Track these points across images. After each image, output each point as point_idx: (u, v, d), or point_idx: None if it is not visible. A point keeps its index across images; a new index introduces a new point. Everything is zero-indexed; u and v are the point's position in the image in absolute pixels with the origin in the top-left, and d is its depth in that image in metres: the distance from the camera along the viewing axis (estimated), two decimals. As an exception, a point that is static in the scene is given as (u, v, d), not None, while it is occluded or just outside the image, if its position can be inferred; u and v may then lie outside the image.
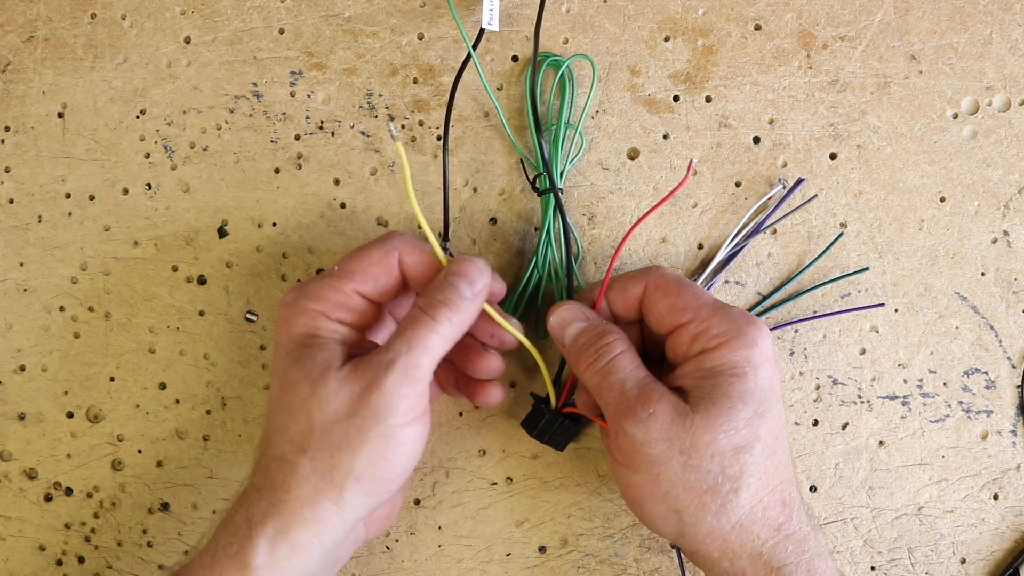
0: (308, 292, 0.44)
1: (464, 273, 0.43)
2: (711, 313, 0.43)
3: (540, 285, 0.50)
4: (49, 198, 0.53)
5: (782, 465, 0.42)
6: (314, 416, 0.41)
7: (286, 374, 0.42)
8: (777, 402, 0.43)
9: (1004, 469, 0.51)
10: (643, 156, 0.51)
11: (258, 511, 0.41)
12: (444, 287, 0.43)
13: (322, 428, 0.41)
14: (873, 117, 0.51)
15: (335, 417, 0.41)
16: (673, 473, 0.41)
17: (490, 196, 0.52)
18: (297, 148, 0.52)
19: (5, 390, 0.53)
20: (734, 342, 0.42)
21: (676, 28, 0.51)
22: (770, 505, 0.42)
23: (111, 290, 0.53)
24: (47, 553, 0.53)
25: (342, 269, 0.44)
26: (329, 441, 0.41)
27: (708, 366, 0.42)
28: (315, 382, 0.41)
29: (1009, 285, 0.51)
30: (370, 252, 0.45)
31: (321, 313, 0.43)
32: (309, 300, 0.43)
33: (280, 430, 0.42)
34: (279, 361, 0.43)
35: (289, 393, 0.42)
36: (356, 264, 0.44)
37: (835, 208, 0.51)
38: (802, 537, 0.42)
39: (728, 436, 0.41)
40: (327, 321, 0.43)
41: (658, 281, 0.45)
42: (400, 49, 0.52)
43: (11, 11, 0.53)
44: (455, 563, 0.52)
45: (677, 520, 0.42)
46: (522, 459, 0.52)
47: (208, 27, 0.52)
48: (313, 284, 0.44)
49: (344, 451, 0.41)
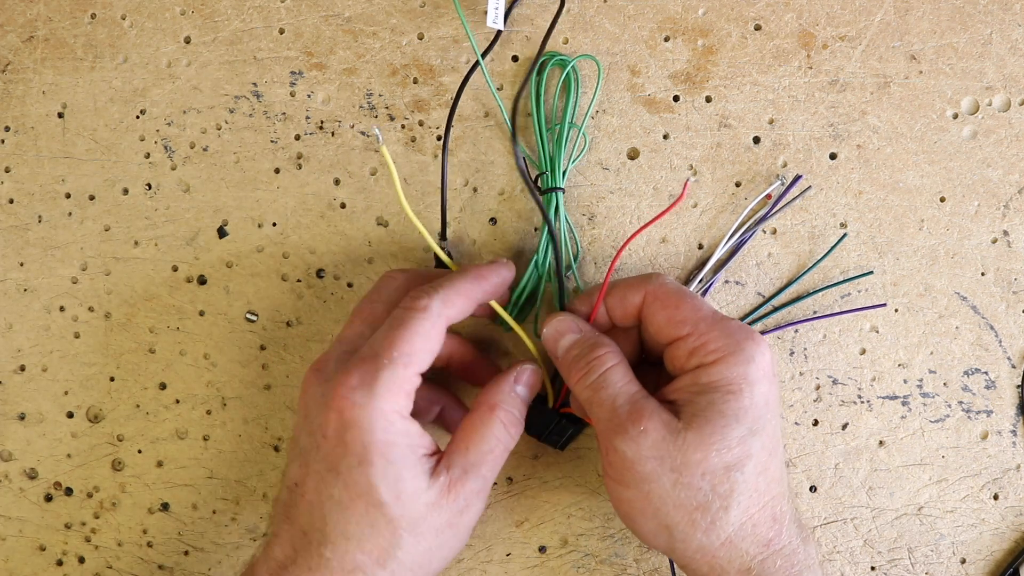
0: (379, 391, 0.40)
1: (531, 385, 0.46)
2: (709, 327, 0.42)
3: (540, 285, 0.50)
4: (49, 198, 0.53)
5: (774, 480, 0.42)
6: (402, 536, 0.41)
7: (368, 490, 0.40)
8: (773, 418, 0.42)
9: (1004, 469, 0.51)
10: (643, 156, 0.51)
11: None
12: (517, 400, 0.45)
13: (407, 547, 0.41)
14: (873, 117, 0.51)
15: (422, 536, 0.41)
16: (663, 490, 0.41)
17: (490, 196, 0.52)
18: (297, 148, 0.52)
19: (5, 390, 0.53)
20: (731, 358, 0.42)
21: (676, 28, 0.51)
22: (760, 521, 0.42)
23: (111, 290, 0.53)
24: (47, 553, 0.53)
25: (402, 355, 0.41)
26: (412, 558, 0.41)
27: (704, 381, 0.42)
28: (406, 505, 0.41)
29: (1009, 285, 0.51)
30: (419, 327, 0.42)
31: (397, 414, 0.41)
32: (384, 401, 0.40)
33: (354, 540, 0.41)
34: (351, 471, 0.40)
35: (372, 510, 0.40)
36: (412, 345, 0.41)
37: (835, 208, 0.51)
38: (791, 551, 0.42)
39: (720, 455, 0.41)
40: (401, 422, 0.41)
41: (657, 292, 0.44)
42: (400, 49, 0.52)
43: (11, 11, 0.53)
44: (455, 563, 0.52)
45: (668, 536, 0.42)
46: (522, 459, 0.52)
47: (208, 27, 0.52)
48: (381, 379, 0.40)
49: (423, 566, 0.42)
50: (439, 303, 0.42)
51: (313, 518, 0.41)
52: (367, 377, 0.40)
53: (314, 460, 0.42)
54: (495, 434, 0.43)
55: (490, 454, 0.43)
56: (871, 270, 0.51)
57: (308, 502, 0.42)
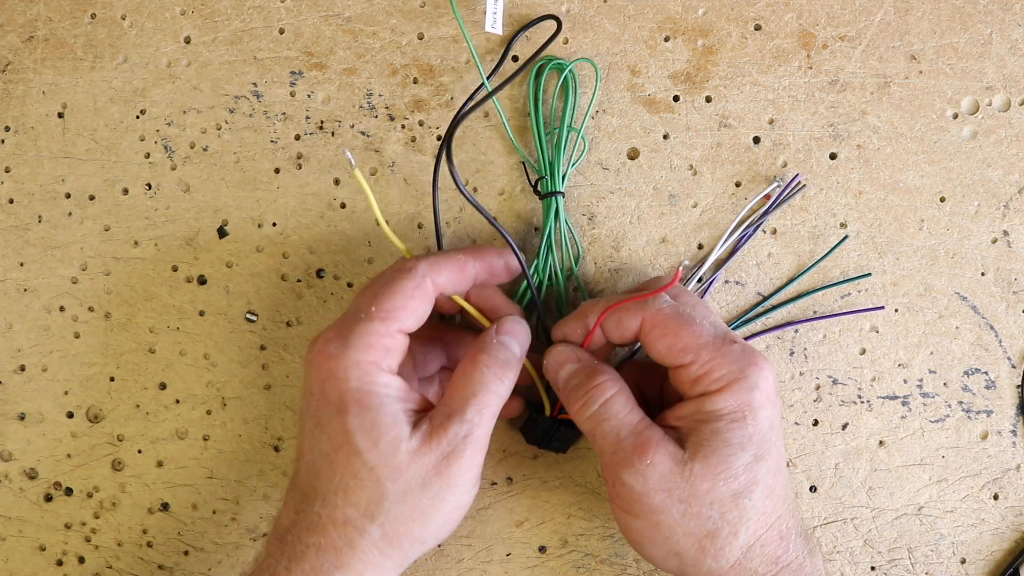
0: (354, 342, 0.41)
1: (515, 333, 0.45)
2: (712, 355, 0.42)
3: (540, 289, 0.50)
4: (49, 198, 0.53)
5: (780, 500, 0.43)
6: (386, 486, 0.41)
7: (347, 438, 0.41)
8: (777, 440, 0.43)
9: (1004, 469, 0.51)
10: (643, 156, 0.51)
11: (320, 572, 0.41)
12: (502, 347, 0.43)
13: (394, 498, 0.41)
14: (873, 117, 0.51)
15: (407, 487, 0.41)
16: (672, 520, 0.41)
17: (490, 196, 0.52)
18: (297, 148, 0.52)
19: (5, 390, 0.53)
20: (735, 386, 0.41)
21: (676, 28, 0.51)
22: (768, 542, 0.42)
23: (111, 290, 0.53)
24: (47, 553, 0.53)
25: (380, 310, 0.42)
26: (401, 511, 0.41)
27: (708, 409, 0.42)
28: (385, 452, 0.40)
29: (1009, 285, 0.51)
30: (402, 286, 0.42)
31: (373, 364, 0.41)
32: (358, 351, 0.41)
33: (341, 492, 0.41)
34: (331, 420, 0.41)
35: (352, 459, 0.41)
36: (393, 301, 0.42)
37: (835, 208, 0.51)
38: (799, 565, 0.42)
39: (727, 483, 0.41)
40: (380, 374, 0.41)
41: (655, 318, 0.43)
42: (400, 49, 0.52)
43: (11, 11, 0.53)
44: (455, 563, 0.52)
45: (678, 561, 0.43)
46: (522, 459, 0.52)
47: (208, 27, 0.52)
48: (356, 331, 0.41)
49: (415, 520, 0.41)
50: (425, 266, 0.43)
51: (309, 477, 0.42)
52: (343, 331, 0.42)
53: (306, 419, 0.43)
54: (476, 378, 0.42)
55: (473, 397, 0.42)
56: (869, 272, 0.51)
57: (305, 463, 0.43)
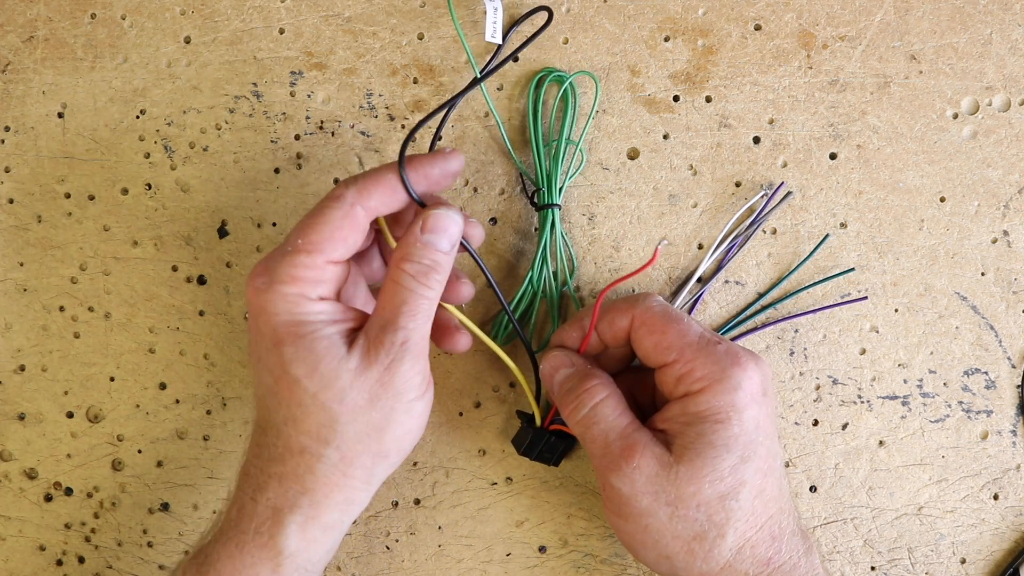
0: (279, 275, 0.41)
1: (442, 228, 0.42)
2: (695, 354, 0.42)
3: (535, 300, 0.50)
4: (49, 198, 0.53)
5: (772, 500, 0.43)
6: (333, 409, 0.40)
7: (285, 369, 0.40)
8: (766, 439, 0.42)
9: (1004, 469, 0.51)
10: (643, 156, 0.51)
11: (285, 500, 0.41)
12: (426, 249, 0.42)
13: (345, 420, 0.41)
14: (873, 117, 0.51)
15: (355, 406, 0.40)
16: (660, 523, 0.42)
17: (490, 196, 0.52)
18: (297, 148, 0.52)
19: (5, 390, 0.53)
20: (717, 386, 0.42)
21: (676, 28, 0.51)
22: (758, 543, 0.42)
23: (111, 290, 0.53)
24: (47, 553, 0.53)
25: (307, 242, 0.41)
26: (354, 430, 0.41)
27: (692, 411, 0.42)
28: (325, 377, 0.40)
29: (1009, 285, 0.51)
30: (329, 216, 0.41)
31: (301, 296, 0.41)
32: (283, 284, 0.40)
33: (290, 422, 0.41)
34: (268, 353, 0.41)
35: (294, 388, 0.41)
36: (320, 233, 0.41)
37: (835, 208, 0.51)
38: (792, 565, 0.42)
39: (713, 485, 0.41)
40: (309, 303, 0.41)
41: (644, 316, 0.44)
42: (400, 49, 0.52)
43: (11, 11, 0.53)
44: (455, 563, 0.52)
45: (669, 564, 0.43)
46: (522, 459, 0.52)
47: (208, 27, 0.52)
48: (282, 265, 0.41)
49: (371, 436, 0.41)
50: (354, 192, 0.41)
51: (261, 411, 0.43)
52: (270, 265, 0.41)
53: (251, 355, 0.43)
54: (404, 285, 0.41)
55: (404, 304, 0.41)
56: (852, 267, 0.51)
57: (257, 398, 0.43)
